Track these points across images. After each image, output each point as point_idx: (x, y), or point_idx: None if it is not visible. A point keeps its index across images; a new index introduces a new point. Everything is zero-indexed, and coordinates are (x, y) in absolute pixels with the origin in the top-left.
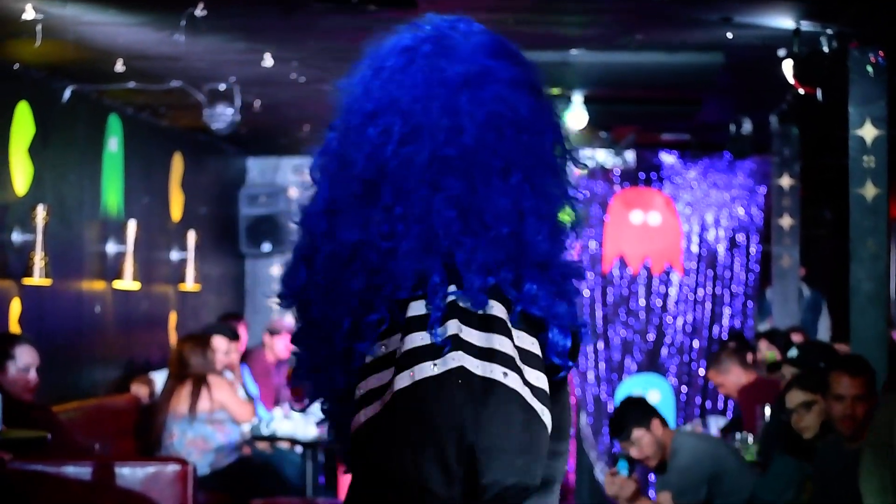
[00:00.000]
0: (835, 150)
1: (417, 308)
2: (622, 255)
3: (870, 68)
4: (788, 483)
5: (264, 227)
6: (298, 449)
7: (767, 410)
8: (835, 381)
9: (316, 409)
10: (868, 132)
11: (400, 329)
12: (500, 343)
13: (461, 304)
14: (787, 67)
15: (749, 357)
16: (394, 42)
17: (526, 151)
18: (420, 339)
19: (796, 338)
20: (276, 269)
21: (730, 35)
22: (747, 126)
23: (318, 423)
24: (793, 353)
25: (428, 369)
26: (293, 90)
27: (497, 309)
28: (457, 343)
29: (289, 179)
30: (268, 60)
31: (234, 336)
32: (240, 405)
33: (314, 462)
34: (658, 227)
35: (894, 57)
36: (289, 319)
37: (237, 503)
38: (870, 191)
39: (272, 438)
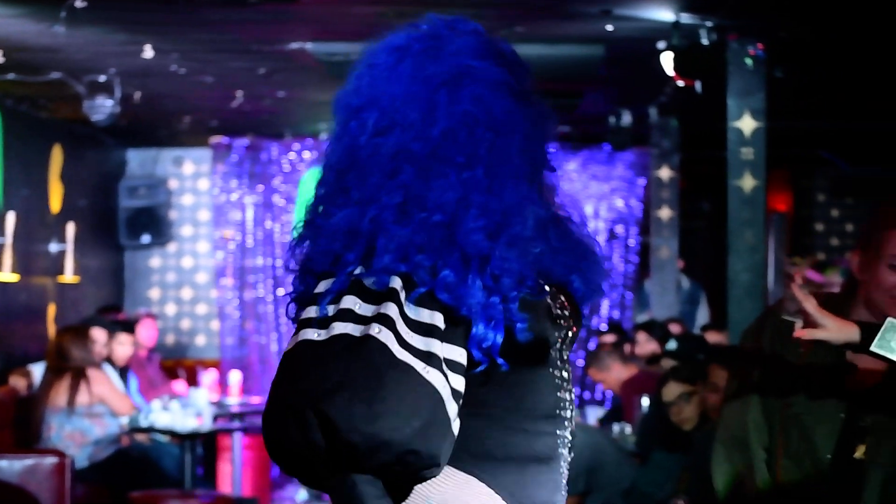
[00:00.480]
0: (713, 143)
1: (324, 285)
2: None
3: (748, 60)
4: (668, 475)
5: (144, 219)
6: (176, 441)
7: (645, 401)
8: (713, 373)
9: (194, 401)
10: (746, 124)
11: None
12: (385, 308)
13: (365, 282)
14: (667, 60)
15: (627, 348)
16: (388, 40)
17: (491, 151)
18: (313, 311)
19: (674, 329)
20: (156, 261)
21: (610, 27)
22: (627, 118)
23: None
24: (671, 345)
25: (311, 335)
26: (173, 82)
27: (395, 282)
28: (347, 316)
29: (168, 171)
30: (148, 52)
31: (112, 328)
32: (119, 398)
33: (192, 454)
34: None
35: (773, 49)
36: (144, 309)
37: (115, 496)
38: (748, 182)
39: (150, 430)
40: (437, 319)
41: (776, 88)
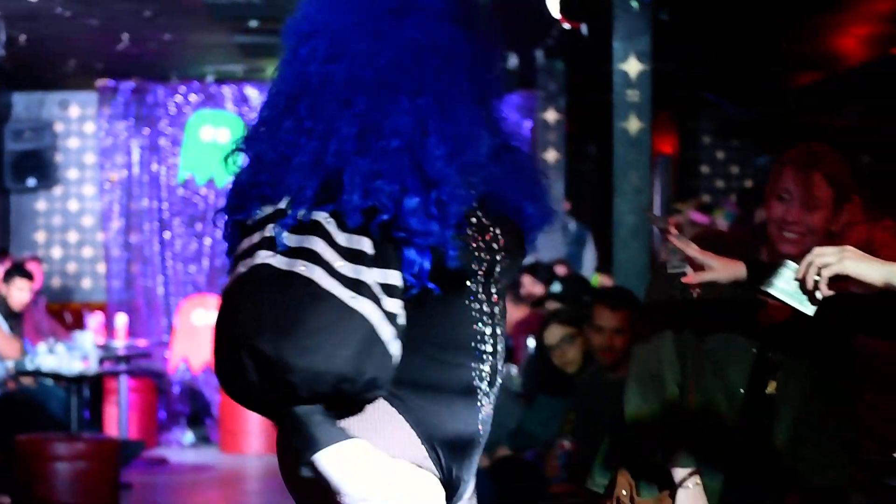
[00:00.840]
0: (600, 85)
1: (272, 216)
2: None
3: (634, 3)
4: (553, 416)
5: (30, 163)
6: (63, 384)
7: (531, 342)
8: (597, 313)
9: (80, 344)
10: (632, 67)
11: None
12: (310, 241)
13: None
14: (553, 2)
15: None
16: None
17: (438, 76)
18: (247, 242)
19: (560, 270)
20: (41, 205)
21: None
22: (513, 61)
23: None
24: (556, 287)
25: (240, 269)
26: (59, 25)
27: (320, 216)
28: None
29: (54, 114)
30: None
31: (10, 274)
32: (6, 342)
33: (79, 397)
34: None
35: None
36: (29, 253)
37: (1, 439)
38: (633, 125)
39: (36, 374)
40: (366, 245)
41: (661, 31)
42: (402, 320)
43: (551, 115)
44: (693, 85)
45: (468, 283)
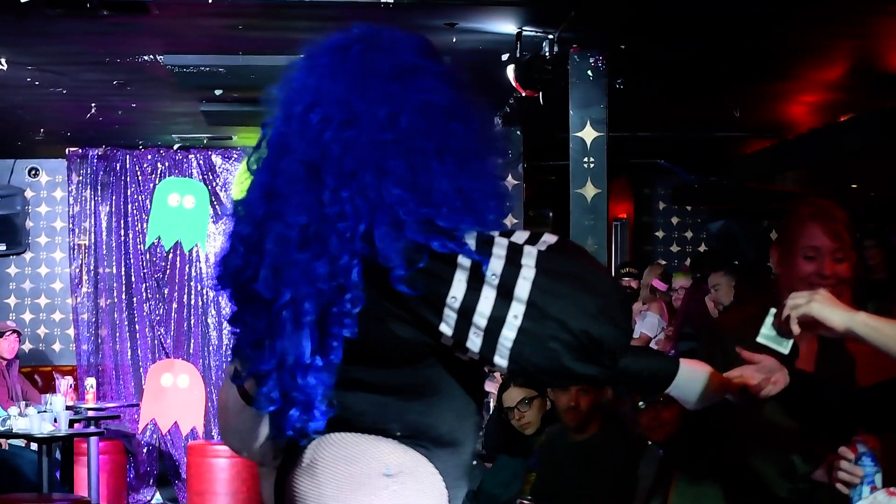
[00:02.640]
0: (556, 152)
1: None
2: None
3: (590, 72)
4: (513, 477)
5: (0, 228)
6: (34, 446)
7: (492, 403)
8: None
9: (51, 406)
10: (588, 134)
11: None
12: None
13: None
14: (510, 71)
15: None
16: (326, 43)
17: (453, 137)
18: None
19: None
20: (12, 270)
21: (454, 39)
22: None
23: (54, 421)
24: None
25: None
26: (28, 93)
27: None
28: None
29: (24, 181)
30: (2, 64)
31: None
32: None
33: (50, 458)
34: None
35: (613, 62)
36: (11, 323)
37: None
38: (590, 191)
39: (8, 435)
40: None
41: (617, 99)
42: None
43: (509, 182)
44: (648, 151)
45: None
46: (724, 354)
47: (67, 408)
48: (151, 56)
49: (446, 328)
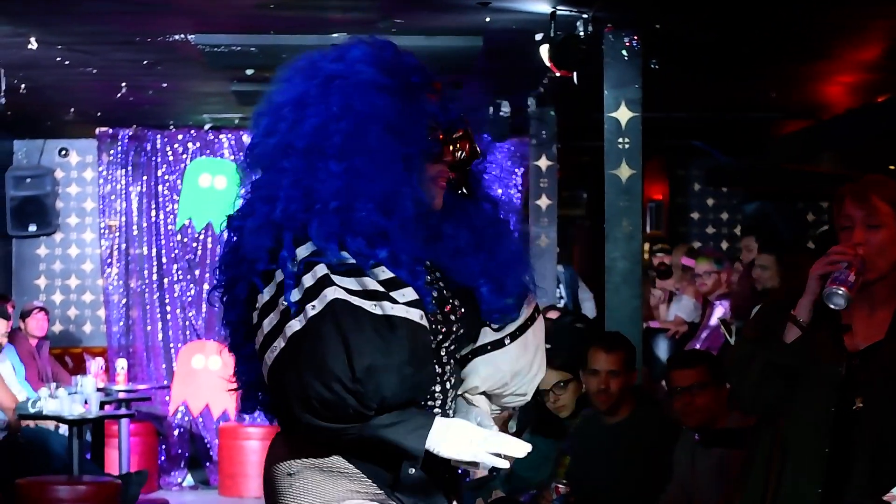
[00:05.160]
0: (591, 132)
1: (279, 276)
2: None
3: (624, 52)
4: (545, 459)
5: (30, 209)
6: (64, 427)
7: None
8: (592, 356)
9: (82, 387)
10: (622, 114)
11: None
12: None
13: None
14: (544, 51)
15: None
16: (313, 57)
17: (348, 140)
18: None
19: (552, 316)
20: (42, 250)
21: (488, 19)
22: (506, 109)
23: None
24: None
25: (310, 311)
26: (58, 73)
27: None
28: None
29: (55, 161)
30: (33, 44)
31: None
32: (2, 390)
33: (80, 440)
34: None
35: (647, 41)
36: (37, 302)
37: (3, 482)
38: (624, 172)
39: (38, 417)
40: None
41: (651, 79)
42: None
43: (543, 162)
44: (683, 132)
45: None
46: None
47: (98, 389)
48: (182, 36)
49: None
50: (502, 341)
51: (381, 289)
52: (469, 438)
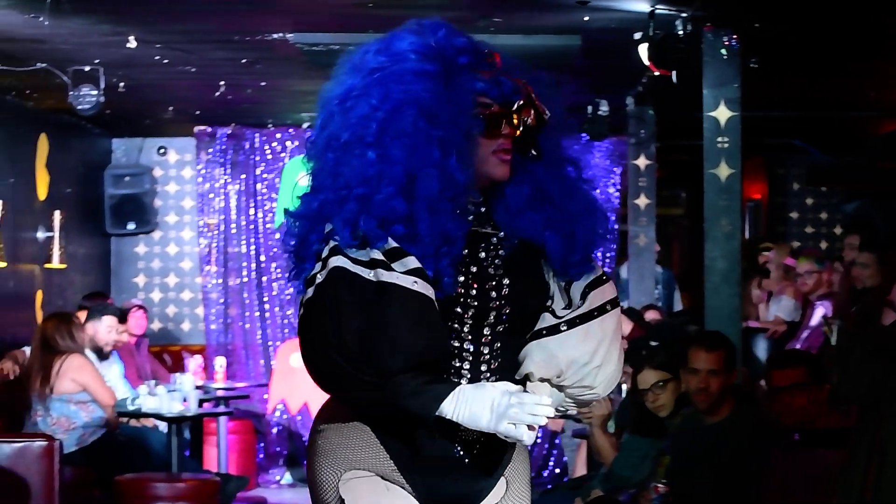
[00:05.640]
0: (689, 132)
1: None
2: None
3: (723, 51)
4: (643, 458)
5: (129, 207)
6: (163, 425)
7: (624, 387)
8: (692, 356)
9: (180, 385)
10: (722, 114)
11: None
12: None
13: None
14: (643, 50)
15: None
16: (360, 50)
17: (390, 126)
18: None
19: (651, 316)
20: (141, 248)
21: (586, 18)
22: (604, 108)
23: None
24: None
25: (318, 279)
26: (157, 72)
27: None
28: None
29: (153, 160)
30: (132, 43)
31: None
32: (102, 388)
33: (179, 437)
34: None
35: (746, 40)
36: (136, 300)
37: (103, 479)
38: (723, 171)
39: (137, 415)
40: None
41: (750, 78)
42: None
43: (642, 162)
44: (782, 131)
45: (449, 322)
46: None
47: (197, 387)
48: (280, 34)
49: None
50: (558, 327)
51: (381, 258)
52: (489, 406)
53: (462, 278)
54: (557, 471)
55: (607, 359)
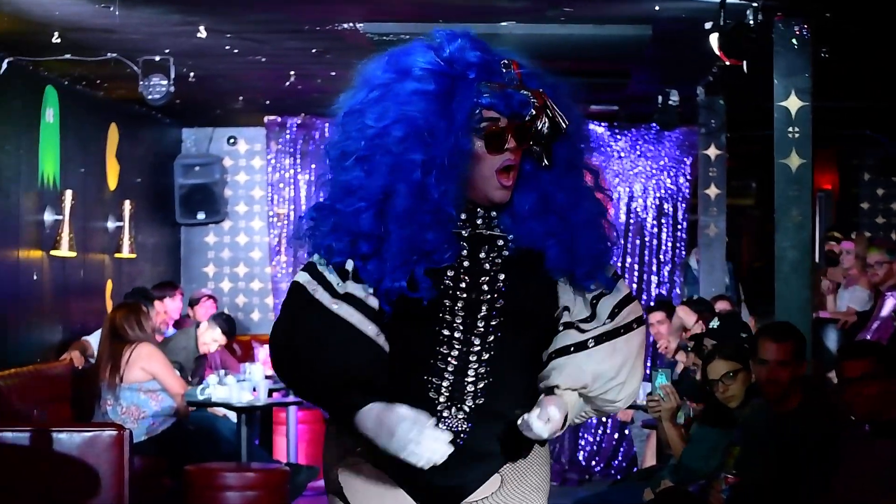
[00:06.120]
0: (760, 122)
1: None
2: None
3: (794, 41)
4: (713, 450)
5: (199, 197)
6: (233, 414)
7: (698, 375)
8: (761, 346)
9: (250, 375)
10: (793, 103)
11: None
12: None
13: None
14: (714, 40)
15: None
16: (372, 66)
17: (379, 142)
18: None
19: (722, 306)
20: (211, 238)
21: (657, 8)
22: (674, 97)
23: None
24: (714, 324)
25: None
26: (227, 62)
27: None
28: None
29: (223, 150)
30: (202, 32)
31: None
32: (172, 376)
33: (249, 427)
34: None
35: (817, 29)
36: (206, 290)
37: (172, 468)
38: (794, 161)
39: (207, 404)
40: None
41: (821, 68)
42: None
43: (712, 151)
44: (853, 122)
45: (439, 313)
46: None
47: (266, 377)
48: (351, 24)
49: None
50: (585, 343)
51: (334, 275)
52: (393, 434)
53: (451, 273)
54: (626, 463)
55: (631, 375)
